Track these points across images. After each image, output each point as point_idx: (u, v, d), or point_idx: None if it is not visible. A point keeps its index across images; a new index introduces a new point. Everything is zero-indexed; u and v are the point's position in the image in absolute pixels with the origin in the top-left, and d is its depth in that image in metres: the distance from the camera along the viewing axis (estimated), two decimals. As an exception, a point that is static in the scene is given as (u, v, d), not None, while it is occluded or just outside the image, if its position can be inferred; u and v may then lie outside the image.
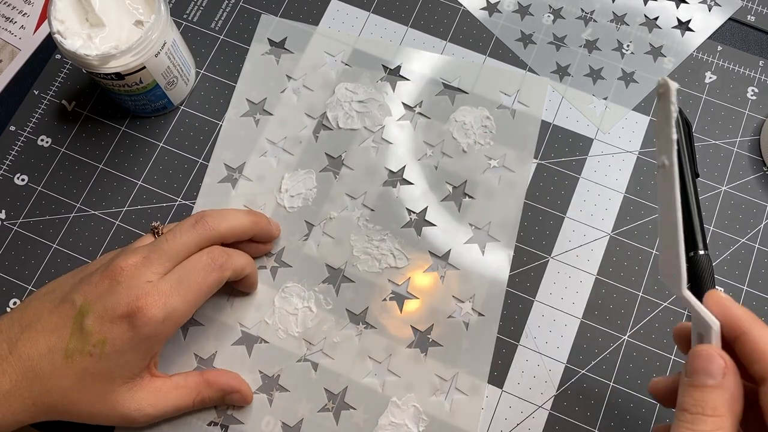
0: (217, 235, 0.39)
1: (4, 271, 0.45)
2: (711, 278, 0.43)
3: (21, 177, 0.47)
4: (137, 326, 0.35)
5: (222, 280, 0.38)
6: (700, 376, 0.27)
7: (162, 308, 0.35)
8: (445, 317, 0.43)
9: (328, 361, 0.42)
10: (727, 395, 0.26)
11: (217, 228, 0.39)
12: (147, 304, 0.35)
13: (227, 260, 0.38)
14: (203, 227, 0.38)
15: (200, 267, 0.37)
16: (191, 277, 0.37)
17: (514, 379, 0.42)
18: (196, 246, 0.38)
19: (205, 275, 0.37)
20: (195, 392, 0.39)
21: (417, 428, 0.41)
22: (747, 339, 0.27)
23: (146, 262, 0.36)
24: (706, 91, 0.48)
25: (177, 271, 0.37)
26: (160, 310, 0.35)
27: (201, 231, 0.38)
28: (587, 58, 0.49)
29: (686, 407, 0.27)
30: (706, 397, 0.26)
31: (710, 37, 0.50)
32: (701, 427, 0.26)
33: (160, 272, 0.37)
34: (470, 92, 0.48)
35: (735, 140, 0.47)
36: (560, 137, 0.47)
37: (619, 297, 0.44)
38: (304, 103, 0.48)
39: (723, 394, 0.26)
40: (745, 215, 0.46)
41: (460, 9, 0.51)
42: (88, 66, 0.41)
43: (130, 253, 0.37)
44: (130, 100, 0.45)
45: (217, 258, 0.38)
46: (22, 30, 0.51)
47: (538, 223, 0.45)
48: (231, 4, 0.51)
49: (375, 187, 0.46)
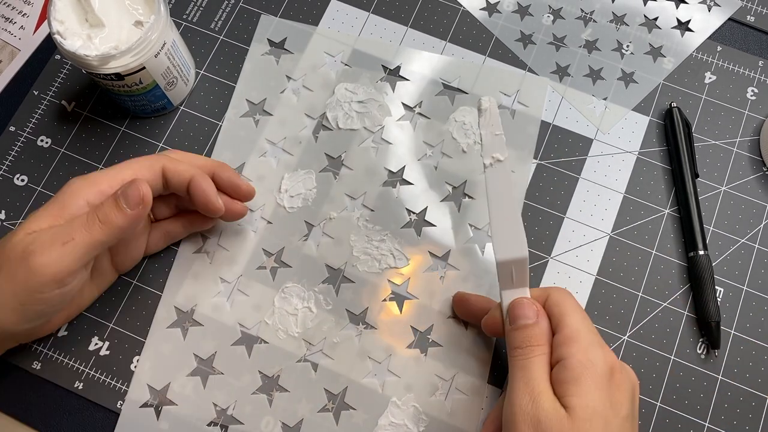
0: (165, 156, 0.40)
1: (3, 272, 0.45)
2: (711, 278, 0.43)
3: (21, 177, 0.47)
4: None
5: (112, 238, 0.37)
6: (521, 319, 0.36)
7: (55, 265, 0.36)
8: (445, 317, 0.43)
9: (328, 361, 0.42)
10: (543, 329, 0.35)
11: (168, 154, 0.40)
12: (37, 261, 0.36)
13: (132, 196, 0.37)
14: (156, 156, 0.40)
15: (81, 222, 0.37)
16: (71, 230, 0.37)
17: (514, 380, 0.42)
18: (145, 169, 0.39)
19: (90, 228, 0.37)
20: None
21: (417, 428, 0.41)
22: (547, 302, 0.37)
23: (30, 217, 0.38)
24: (706, 92, 0.48)
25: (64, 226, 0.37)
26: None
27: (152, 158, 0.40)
28: (587, 59, 0.49)
29: (517, 345, 0.35)
30: (529, 333, 0.35)
31: (710, 38, 0.50)
32: (531, 355, 0.35)
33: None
34: (470, 92, 0.48)
35: (735, 140, 0.47)
36: (560, 137, 0.47)
37: (619, 297, 0.44)
38: (303, 104, 0.48)
39: (540, 329, 0.35)
40: (745, 215, 0.46)
41: (460, 9, 0.51)
42: (87, 66, 0.41)
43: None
44: (130, 101, 0.45)
45: (99, 209, 0.37)
46: (22, 30, 0.51)
47: (538, 223, 0.45)
48: (231, 5, 0.51)
49: (375, 187, 0.46)
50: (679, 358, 0.43)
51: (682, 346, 0.43)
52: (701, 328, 0.43)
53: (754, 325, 0.43)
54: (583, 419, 0.32)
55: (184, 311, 0.44)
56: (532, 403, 0.33)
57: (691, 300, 0.44)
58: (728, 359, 0.43)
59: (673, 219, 0.46)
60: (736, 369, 0.43)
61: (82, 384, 0.42)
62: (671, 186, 0.46)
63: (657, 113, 0.48)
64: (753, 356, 0.43)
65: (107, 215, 0.36)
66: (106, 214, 0.36)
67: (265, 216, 0.45)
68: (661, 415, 0.42)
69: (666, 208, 0.46)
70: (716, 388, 0.42)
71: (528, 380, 0.34)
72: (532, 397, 0.33)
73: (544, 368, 0.34)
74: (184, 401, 0.42)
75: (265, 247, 0.45)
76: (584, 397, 0.32)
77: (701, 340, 0.43)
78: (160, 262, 0.45)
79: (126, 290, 0.44)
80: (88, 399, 0.42)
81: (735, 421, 0.42)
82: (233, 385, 0.42)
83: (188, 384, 0.42)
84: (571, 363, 0.33)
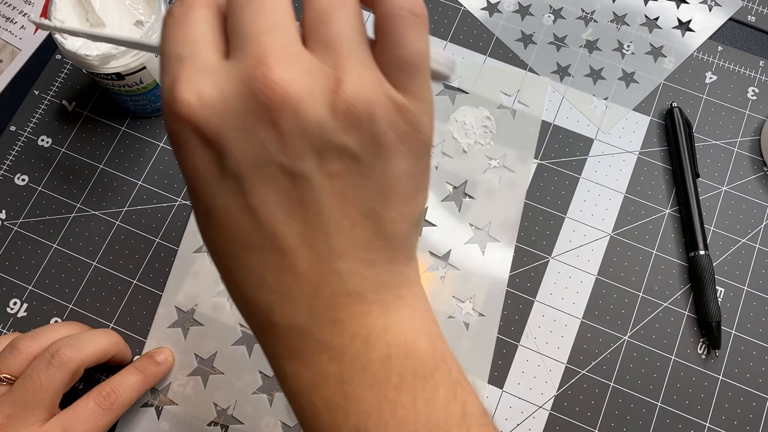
0: (78, 365, 0.36)
1: (4, 271, 0.45)
2: (711, 278, 0.43)
3: (21, 177, 0.47)
4: None
5: (115, 419, 0.37)
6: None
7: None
8: (445, 317, 0.43)
9: (329, 361, 0.42)
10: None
11: (76, 358, 0.36)
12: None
13: (116, 399, 0.37)
14: (60, 362, 0.36)
15: (88, 414, 0.36)
16: (78, 426, 0.35)
17: (514, 379, 0.42)
18: (63, 385, 0.36)
19: (96, 421, 0.36)
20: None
21: (417, 428, 0.41)
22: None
23: (14, 420, 0.34)
24: (707, 92, 0.48)
25: (61, 419, 0.35)
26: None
27: (59, 367, 0.35)
28: (587, 59, 0.49)
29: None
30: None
31: (711, 38, 0.50)
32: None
33: (36, 423, 0.35)
34: (470, 92, 0.48)
35: (735, 140, 0.47)
36: (560, 137, 0.47)
37: (619, 297, 0.44)
38: (304, 103, 0.48)
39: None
40: (745, 215, 0.46)
41: (461, 9, 0.51)
42: (88, 66, 0.41)
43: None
44: (131, 100, 0.45)
45: (103, 400, 0.37)
46: (22, 30, 0.51)
47: (539, 223, 0.45)
48: (231, 4, 0.51)
49: (375, 187, 0.46)
50: (680, 358, 0.43)
51: (683, 346, 0.43)
52: (702, 328, 0.43)
53: (754, 325, 0.43)
54: None
55: (184, 311, 0.44)
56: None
57: (691, 300, 0.44)
58: (729, 359, 0.43)
59: (674, 219, 0.46)
60: (737, 369, 0.42)
61: (82, 383, 0.42)
62: (672, 186, 0.46)
63: (658, 113, 0.48)
64: (753, 356, 0.43)
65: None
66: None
67: (265, 216, 0.45)
68: (662, 415, 0.42)
69: (666, 208, 0.46)
70: (717, 389, 0.42)
71: None
72: None
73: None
74: (184, 401, 0.42)
75: (265, 247, 0.45)
76: None
77: (702, 340, 0.43)
78: (160, 262, 0.45)
79: (126, 290, 0.44)
80: (89, 399, 0.42)
81: (735, 422, 0.42)
82: (234, 384, 0.42)
83: (189, 384, 0.42)
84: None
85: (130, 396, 0.38)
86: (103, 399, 0.37)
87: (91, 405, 0.36)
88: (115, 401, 0.37)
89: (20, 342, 0.37)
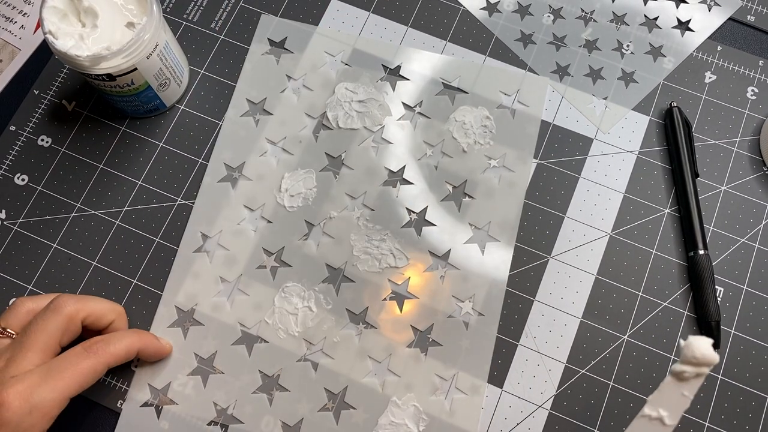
0: (73, 312, 0.38)
1: (4, 271, 0.45)
2: (711, 278, 0.43)
3: (21, 177, 0.47)
4: (2, 422, 0.34)
5: (99, 366, 0.37)
6: None
7: (26, 400, 0.34)
8: (445, 317, 0.43)
9: (328, 360, 0.42)
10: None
11: (72, 303, 0.38)
12: (9, 397, 0.34)
13: (104, 346, 0.38)
14: (55, 306, 0.37)
15: (72, 355, 0.36)
16: (61, 364, 0.36)
17: (514, 379, 0.42)
18: (57, 330, 0.37)
19: (78, 362, 0.36)
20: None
21: (417, 428, 0.41)
22: None
23: (10, 363, 0.36)
24: (706, 91, 0.48)
25: (48, 363, 0.36)
26: (25, 402, 0.34)
27: (54, 311, 0.37)
28: (587, 58, 0.49)
29: None
30: None
31: (710, 37, 0.50)
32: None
33: (26, 367, 0.36)
34: (470, 92, 0.48)
35: (735, 140, 0.47)
36: (560, 137, 0.47)
37: (619, 297, 0.44)
38: (304, 103, 0.48)
39: None
40: (745, 215, 0.46)
41: (460, 9, 0.51)
42: (79, 66, 0.41)
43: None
44: (122, 101, 0.45)
45: (91, 345, 0.37)
46: (22, 30, 0.51)
47: (538, 222, 0.45)
48: (231, 4, 0.51)
49: (375, 186, 0.46)
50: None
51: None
52: (701, 327, 0.43)
53: (754, 325, 0.43)
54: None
55: (184, 310, 0.44)
56: None
57: (691, 300, 0.44)
58: (728, 359, 0.43)
59: (673, 218, 0.46)
60: (736, 369, 0.43)
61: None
62: (671, 185, 0.46)
63: (657, 113, 0.48)
64: (753, 356, 0.43)
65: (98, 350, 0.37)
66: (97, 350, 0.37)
67: (265, 215, 0.45)
68: (661, 414, 0.42)
69: (666, 208, 0.46)
70: (716, 388, 0.42)
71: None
72: None
73: None
74: (184, 400, 0.42)
75: (265, 247, 0.45)
76: None
77: (701, 340, 0.43)
78: (160, 262, 0.45)
79: (126, 289, 0.44)
80: (89, 398, 0.42)
81: (735, 421, 0.42)
82: (233, 384, 0.42)
83: (189, 383, 0.42)
84: None
85: (118, 347, 0.38)
86: (91, 344, 0.37)
87: (78, 349, 0.37)
88: (101, 347, 0.37)
89: (20, 300, 0.40)
